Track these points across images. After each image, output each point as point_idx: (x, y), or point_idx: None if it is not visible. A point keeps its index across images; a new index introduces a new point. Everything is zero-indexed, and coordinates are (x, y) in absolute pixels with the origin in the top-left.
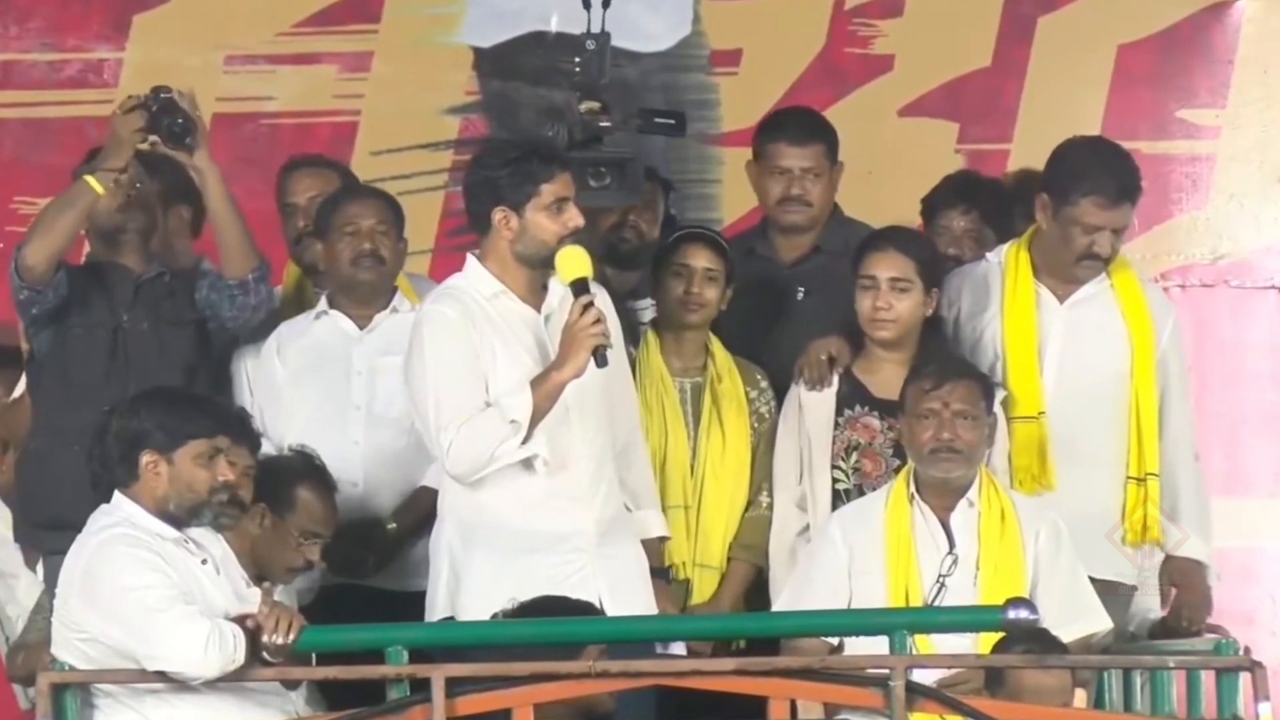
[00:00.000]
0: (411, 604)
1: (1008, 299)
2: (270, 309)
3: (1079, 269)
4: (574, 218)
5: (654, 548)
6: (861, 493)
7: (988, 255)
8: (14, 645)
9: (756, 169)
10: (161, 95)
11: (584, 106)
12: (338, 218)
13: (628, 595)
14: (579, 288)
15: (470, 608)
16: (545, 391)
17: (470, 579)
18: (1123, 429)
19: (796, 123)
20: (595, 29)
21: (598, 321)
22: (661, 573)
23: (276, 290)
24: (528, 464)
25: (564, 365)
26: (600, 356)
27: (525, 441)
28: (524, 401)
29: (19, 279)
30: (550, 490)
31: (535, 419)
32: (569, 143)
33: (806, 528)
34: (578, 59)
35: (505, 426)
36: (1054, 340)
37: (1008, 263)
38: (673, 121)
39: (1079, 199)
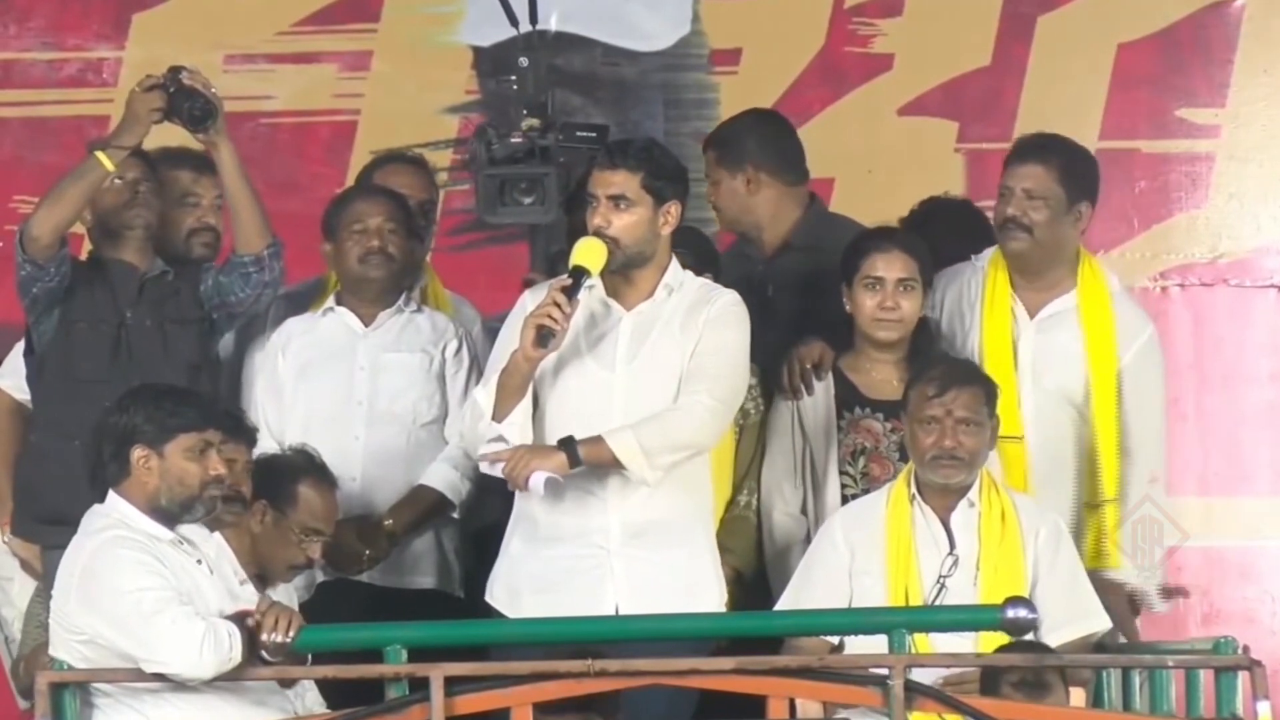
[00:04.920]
0: (408, 601)
1: (985, 316)
2: (279, 290)
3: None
4: None
5: (594, 438)
6: None
7: (974, 257)
8: (16, 658)
9: None
10: (178, 77)
11: (525, 124)
12: (346, 216)
13: (652, 601)
14: (573, 273)
15: (495, 590)
16: (506, 369)
17: (501, 562)
18: (1081, 453)
19: (714, 133)
20: (534, 44)
21: (556, 306)
22: (564, 441)
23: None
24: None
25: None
26: (542, 337)
27: (503, 420)
28: (492, 380)
29: (22, 252)
30: (582, 484)
31: (504, 398)
32: (487, 160)
33: (808, 535)
34: (513, 75)
35: (478, 404)
36: (1025, 361)
37: (988, 272)
38: (594, 134)
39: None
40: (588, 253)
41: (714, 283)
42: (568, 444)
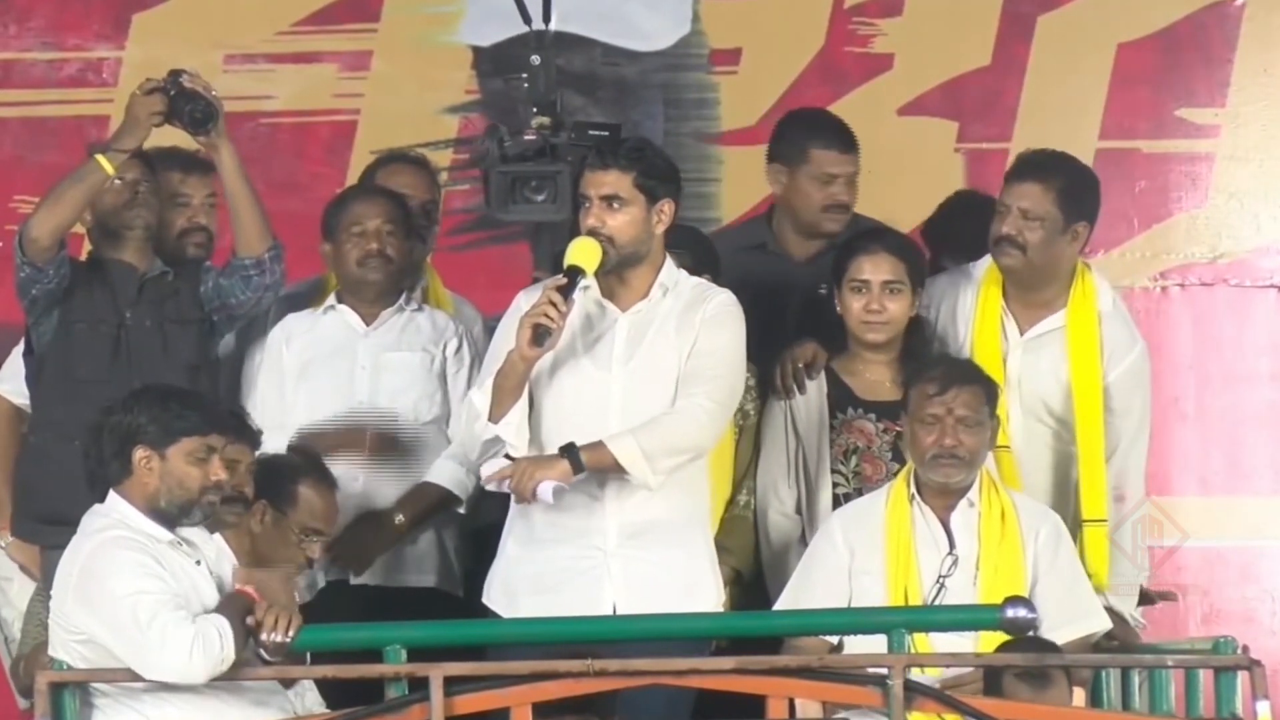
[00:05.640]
0: (409, 600)
1: (976, 332)
2: (280, 293)
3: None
4: None
5: (595, 444)
6: (861, 495)
7: (971, 267)
8: (15, 658)
9: (789, 171)
10: (179, 80)
11: (535, 121)
12: (344, 218)
13: (649, 602)
14: (567, 272)
15: (492, 592)
16: (502, 370)
17: (498, 562)
18: (1066, 474)
19: (840, 129)
20: (545, 42)
21: (552, 305)
22: (565, 448)
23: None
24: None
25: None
26: (538, 336)
27: (499, 421)
28: (488, 381)
29: (21, 254)
30: (579, 486)
31: (500, 399)
32: (499, 157)
33: (803, 535)
34: (524, 74)
35: (474, 406)
36: (1012, 378)
37: (982, 285)
38: (606, 133)
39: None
40: (582, 252)
41: (709, 282)
42: (570, 451)
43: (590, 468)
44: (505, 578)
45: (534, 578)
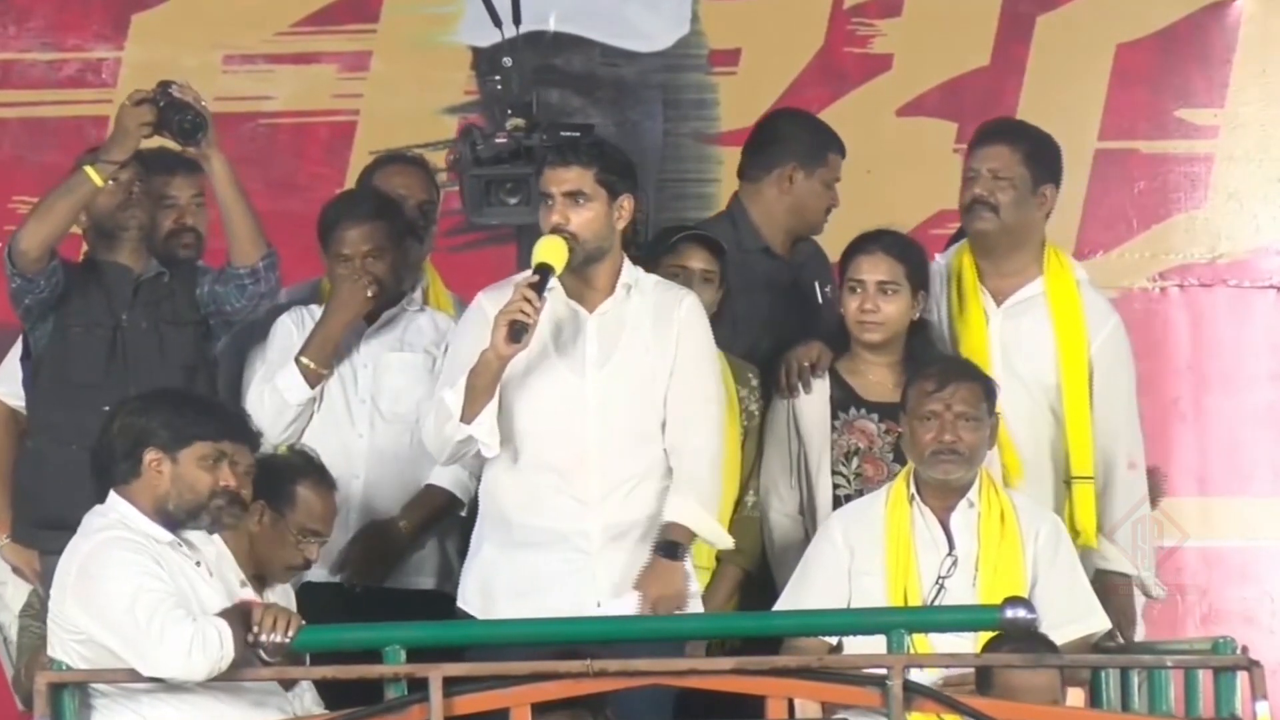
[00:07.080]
0: (408, 602)
1: (954, 305)
2: (275, 299)
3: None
4: None
5: (677, 529)
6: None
7: (938, 257)
8: (15, 669)
9: (806, 173)
10: (168, 90)
11: (510, 123)
12: (332, 241)
13: (634, 602)
14: (538, 270)
15: (467, 595)
16: (475, 370)
17: (474, 568)
18: (1058, 435)
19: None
20: (515, 43)
21: (527, 302)
22: (667, 548)
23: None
24: (532, 458)
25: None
26: (515, 332)
27: (471, 422)
28: (460, 381)
29: (12, 265)
30: (558, 488)
31: (473, 398)
32: (473, 160)
33: (806, 535)
34: (497, 76)
35: (446, 406)
36: (994, 348)
37: (953, 267)
38: (579, 134)
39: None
40: (550, 250)
41: (669, 280)
42: (669, 549)
43: (688, 547)
44: (482, 580)
45: (514, 581)
